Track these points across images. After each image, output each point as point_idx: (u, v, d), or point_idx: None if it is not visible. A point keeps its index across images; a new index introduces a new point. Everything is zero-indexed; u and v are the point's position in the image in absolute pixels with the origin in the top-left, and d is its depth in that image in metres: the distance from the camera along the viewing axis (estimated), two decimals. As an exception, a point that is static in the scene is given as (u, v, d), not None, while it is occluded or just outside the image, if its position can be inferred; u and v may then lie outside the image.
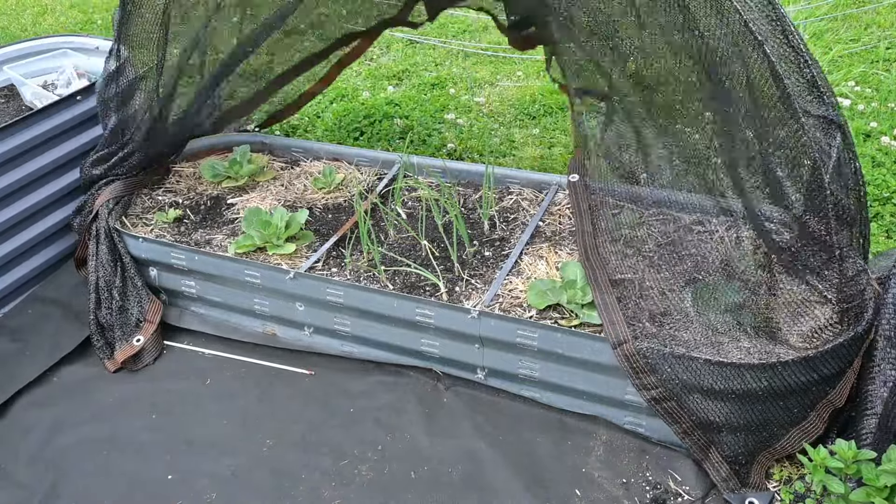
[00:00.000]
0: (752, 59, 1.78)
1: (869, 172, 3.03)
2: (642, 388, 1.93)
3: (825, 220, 1.83)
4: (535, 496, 1.99)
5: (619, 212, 2.27)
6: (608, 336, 1.97)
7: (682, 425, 1.94)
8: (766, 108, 1.83)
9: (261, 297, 2.48)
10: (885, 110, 3.47)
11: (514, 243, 2.49)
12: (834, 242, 1.85)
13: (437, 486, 2.04)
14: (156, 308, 2.58)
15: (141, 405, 2.36)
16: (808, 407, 1.87)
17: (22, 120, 2.60)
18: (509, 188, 2.78)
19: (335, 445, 2.18)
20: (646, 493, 1.99)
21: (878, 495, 1.61)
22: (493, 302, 2.22)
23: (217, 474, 2.12)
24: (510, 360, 2.18)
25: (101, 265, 2.58)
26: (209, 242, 2.62)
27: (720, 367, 1.85)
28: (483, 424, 2.19)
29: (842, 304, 1.89)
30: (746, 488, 1.94)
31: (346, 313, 2.37)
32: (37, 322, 2.65)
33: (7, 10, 5.63)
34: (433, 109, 3.83)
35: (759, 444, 1.94)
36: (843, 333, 1.84)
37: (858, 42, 4.13)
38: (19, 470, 2.17)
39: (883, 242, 2.74)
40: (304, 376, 2.42)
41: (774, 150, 1.87)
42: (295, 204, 2.78)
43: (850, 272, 1.87)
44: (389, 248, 2.55)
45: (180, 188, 2.91)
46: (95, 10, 5.52)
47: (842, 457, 1.67)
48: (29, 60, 3.09)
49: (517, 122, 3.74)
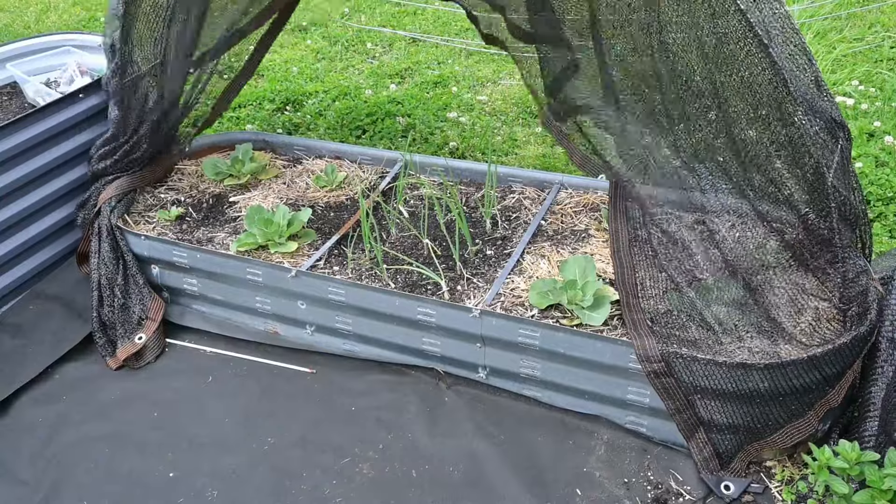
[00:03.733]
0: (755, 58, 1.78)
1: (872, 172, 3.02)
2: (644, 360, 1.94)
3: (829, 219, 1.83)
4: (535, 496, 1.98)
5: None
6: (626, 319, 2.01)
7: (675, 402, 1.95)
8: (769, 107, 1.82)
9: (263, 295, 2.48)
10: (889, 110, 3.46)
11: (516, 242, 2.49)
12: (837, 242, 1.84)
13: (438, 485, 2.04)
14: (158, 306, 2.58)
15: (142, 403, 2.36)
16: (808, 406, 1.87)
17: (24, 118, 2.60)
18: (511, 187, 2.77)
19: (336, 444, 2.18)
20: (647, 492, 1.98)
21: (882, 497, 1.60)
22: (494, 301, 2.22)
23: (218, 472, 2.12)
24: (512, 360, 2.18)
25: (103, 263, 2.58)
26: (211, 240, 2.62)
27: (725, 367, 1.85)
28: (484, 424, 2.19)
29: (844, 305, 1.89)
30: (726, 472, 1.95)
31: (347, 312, 2.37)
32: (38, 319, 2.65)
33: (10, 8, 5.63)
34: (435, 108, 3.82)
35: (750, 437, 1.95)
36: (845, 334, 1.83)
37: (862, 41, 4.12)
38: (21, 467, 2.17)
39: (886, 242, 2.73)
40: (306, 375, 2.42)
41: (778, 150, 1.86)
42: (297, 202, 2.78)
43: (852, 273, 1.86)
44: (391, 246, 2.55)
45: (182, 186, 2.91)
46: (99, 7, 5.52)
47: (845, 458, 1.67)
48: (32, 58, 3.08)
49: (519, 120, 3.74)
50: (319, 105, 3.94)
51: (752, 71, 1.80)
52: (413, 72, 4.29)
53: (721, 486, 1.95)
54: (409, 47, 4.58)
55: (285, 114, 3.92)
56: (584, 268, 2.19)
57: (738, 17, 1.74)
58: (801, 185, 1.87)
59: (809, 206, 1.87)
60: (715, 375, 1.87)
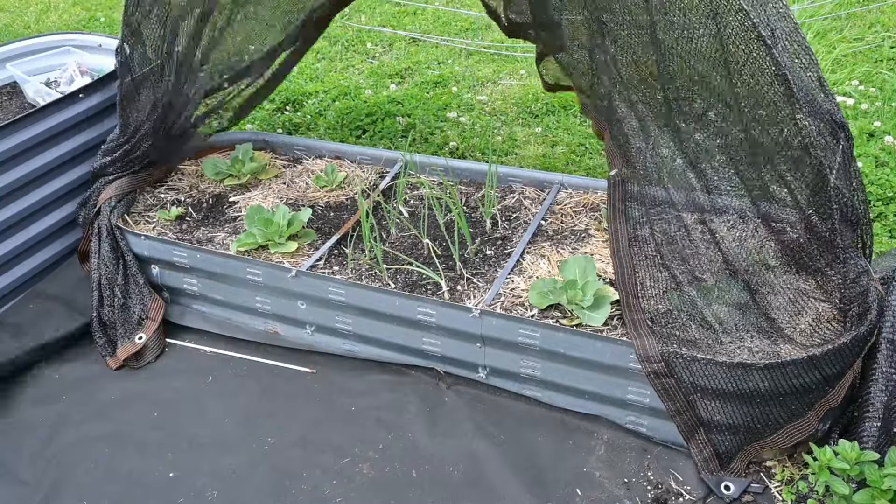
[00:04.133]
0: (757, 58, 1.78)
1: (872, 172, 3.02)
2: (644, 360, 1.94)
3: (830, 220, 1.83)
4: (535, 496, 1.98)
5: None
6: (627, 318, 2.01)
7: (675, 402, 1.95)
8: (771, 107, 1.82)
9: (263, 295, 2.48)
10: (889, 110, 3.46)
11: (516, 242, 2.49)
12: (838, 243, 1.84)
13: (438, 485, 2.04)
14: (158, 306, 2.58)
15: (143, 403, 2.36)
16: (808, 406, 1.87)
17: (24, 118, 2.60)
18: (511, 187, 2.77)
19: (336, 444, 2.18)
20: (647, 492, 1.98)
21: (882, 497, 1.60)
22: (494, 301, 2.22)
23: (218, 472, 2.12)
24: (512, 360, 2.18)
25: (103, 262, 2.58)
26: (211, 240, 2.62)
27: (725, 367, 1.85)
28: (484, 424, 2.19)
29: (845, 305, 1.89)
30: (725, 472, 1.95)
31: (347, 312, 2.37)
32: (38, 319, 2.65)
33: (10, 8, 5.63)
34: (435, 108, 3.82)
35: (750, 437, 1.95)
36: (845, 334, 1.83)
37: (862, 41, 4.11)
38: (21, 467, 2.18)
39: (886, 242, 2.73)
40: (306, 375, 2.42)
41: (779, 150, 1.86)
42: (297, 202, 2.78)
43: (853, 273, 1.86)
44: (391, 246, 2.55)
45: (182, 186, 2.91)
46: (98, 7, 5.52)
47: (845, 458, 1.67)
48: (32, 58, 3.09)
49: (519, 120, 3.74)
50: (319, 105, 3.94)
51: (754, 70, 1.80)
52: (413, 72, 4.29)
53: (721, 486, 1.95)
54: (409, 47, 4.58)
55: (285, 114, 3.92)
56: (584, 268, 2.18)
57: (741, 17, 1.74)
58: (802, 185, 1.87)
59: (811, 207, 1.87)
60: (715, 375, 1.87)
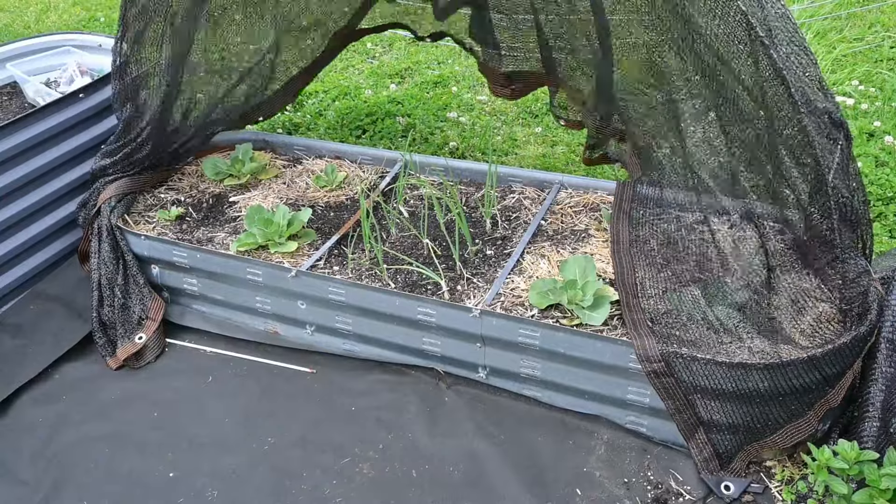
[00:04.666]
0: (756, 58, 1.78)
1: (872, 172, 3.02)
2: (644, 360, 1.94)
3: (830, 220, 1.83)
4: (535, 495, 1.98)
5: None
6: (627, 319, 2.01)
7: (675, 402, 1.95)
8: (770, 107, 1.82)
9: (263, 295, 2.48)
10: (889, 110, 3.46)
11: (516, 242, 2.49)
12: (838, 243, 1.84)
13: (438, 485, 2.04)
14: (158, 306, 2.58)
15: (143, 403, 2.36)
16: (808, 406, 1.87)
17: (24, 118, 2.60)
18: (511, 187, 2.77)
19: (336, 444, 2.18)
20: (647, 492, 1.98)
21: (882, 497, 1.60)
22: (494, 301, 2.22)
23: (218, 472, 2.12)
24: (512, 360, 2.18)
25: (103, 262, 2.58)
26: (211, 240, 2.62)
27: (725, 367, 1.85)
28: (484, 423, 2.19)
29: (845, 305, 1.89)
30: (725, 472, 1.95)
31: (347, 312, 2.37)
32: (38, 319, 2.65)
33: (10, 7, 5.63)
34: (435, 108, 3.82)
35: (750, 437, 1.95)
36: (845, 334, 1.83)
37: (862, 41, 4.11)
38: (21, 467, 2.18)
39: (886, 242, 2.73)
40: (306, 375, 2.42)
41: (779, 150, 1.86)
42: (297, 202, 2.78)
43: (853, 273, 1.86)
44: (391, 246, 2.55)
45: (182, 186, 2.91)
46: (98, 7, 5.52)
47: (844, 458, 1.67)
48: (32, 58, 3.09)
49: (519, 120, 3.74)
50: (319, 105, 3.94)
51: (753, 70, 1.80)
52: (413, 72, 4.29)
53: (721, 486, 1.95)
54: (409, 47, 4.58)
55: (285, 113, 3.92)
56: (584, 268, 2.18)
57: (739, 17, 1.74)
58: (801, 185, 1.87)
59: (811, 207, 1.87)
60: (715, 375, 1.87)
